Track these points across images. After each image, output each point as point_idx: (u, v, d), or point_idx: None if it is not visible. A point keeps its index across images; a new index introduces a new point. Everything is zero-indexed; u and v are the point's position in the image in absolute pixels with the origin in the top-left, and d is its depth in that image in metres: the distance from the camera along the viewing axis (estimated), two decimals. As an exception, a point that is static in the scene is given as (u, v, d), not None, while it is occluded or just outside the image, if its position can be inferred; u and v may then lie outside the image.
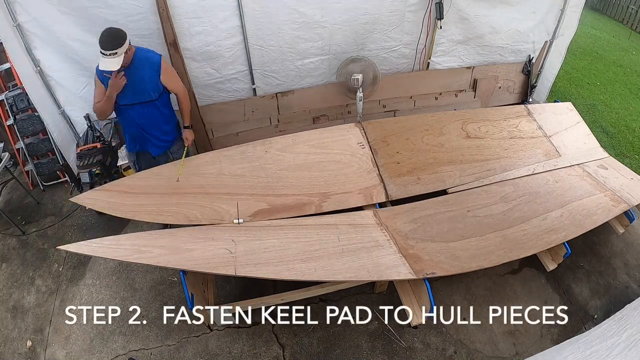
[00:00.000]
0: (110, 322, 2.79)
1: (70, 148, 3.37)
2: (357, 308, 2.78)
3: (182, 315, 2.76)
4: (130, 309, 2.84)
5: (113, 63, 2.27)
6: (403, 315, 2.47)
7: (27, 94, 3.41)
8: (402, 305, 2.45)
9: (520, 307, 2.82)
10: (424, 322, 2.35)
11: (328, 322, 2.72)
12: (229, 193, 2.66)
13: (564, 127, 3.53)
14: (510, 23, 3.86)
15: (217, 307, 2.53)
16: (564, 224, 2.69)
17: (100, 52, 2.25)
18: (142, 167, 2.84)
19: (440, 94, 4.14)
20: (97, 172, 3.19)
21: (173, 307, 2.82)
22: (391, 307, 2.76)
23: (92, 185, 3.32)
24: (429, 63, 3.92)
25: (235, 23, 3.12)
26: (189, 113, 2.75)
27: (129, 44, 2.35)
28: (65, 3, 2.70)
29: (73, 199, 2.57)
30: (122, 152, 3.26)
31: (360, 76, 3.32)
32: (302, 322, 2.72)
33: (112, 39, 2.25)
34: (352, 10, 3.32)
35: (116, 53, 2.25)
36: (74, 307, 2.87)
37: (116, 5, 2.76)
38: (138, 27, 2.88)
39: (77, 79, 3.02)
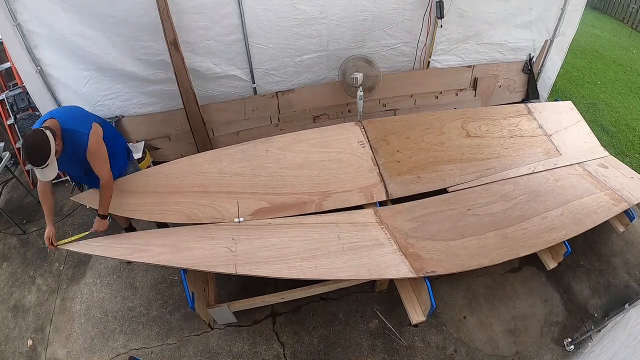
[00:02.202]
0: (110, 320, 2.79)
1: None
2: (358, 307, 2.79)
3: (183, 314, 2.77)
4: (131, 307, 2.85)
5: (49, 172, 2.07)
6: (403, 313, 2.47)
7: (27, 93, 3.42)
8: (402, 303, 2.46)
9: (520, 306, 2.83)
10: (424, 321, 2.36)
11: (328, 320, 2.73)
12: (230, 192, 2.66)
13: (565, 126, 3.53)
14: (507, 19, 3.86)
15: (218, 306, 2.53)
16: (564, 222, 2.69)
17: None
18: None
19: (441, 92, 4.14)
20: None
21: (174, 306, 2.83)
22: (391, 306, 2.77)
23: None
24: (429, 62, 3.92)
25: (235, 21, 3.12)
26: (107, 203, 2.37)
27: (53, 136, 2.05)
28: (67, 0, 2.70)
29: (74, 198, 2.57)
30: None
31: (359, 75, 3.32)
32: (303, 321, 2.73)
33: (38, 156, 2.00)
34: (351, 7, 3.32)
35: (47, 164, 2.03)
36: (74, 306, 2.88)
37: (118, 0, 2.76)
38: (140, 22, 2.88)
39: (79, 74, 3.04)
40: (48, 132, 2.03)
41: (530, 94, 4.39)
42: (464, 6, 3.60)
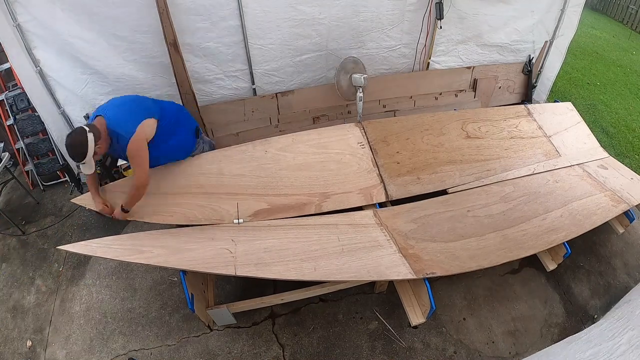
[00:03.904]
0: (110, 322, 2.79)
1: (70, 148, 3.37)
2: (357, 308, 2.78)
3: (182, 315, 2.76)
4: (130, 308, 2.85)
5: (87, 168, 2.29)
6: (403, 315, 2.47)
7: (27, 94, 3.42)
8: (402, 305, 2.45)
9: (520, 307, 2.83)
10: (424, 322, 2.36)
11: (328, 322, 2.73)
12: (229, 193, 2.66)
13: (564, 127, 3.53)
14: (508, 22, 3.86)
15: (217, 307, 2.53)
16: (564, 223, 2.69)
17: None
18: None
19: (440, 94, 4.14)
20: (97, 172, 3.19)
21: (173, 307, 2.83)
22: (391, 307, 2.77)
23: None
24: (429, 63, 3.92)
25: (235, 22, 3.12)
26: (134, 202, 2.44)
27: (97, 137, 2.21)
28: (66, 0, 2.70)
29: (73, 199, 2.57)
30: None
31: (360, 76, 3.32)
32: (302, 322, 2.73)
33: (76, 154, 2.22)
34: (350, 7, 3.32)
35: (85, 162, 2.24)
36: (74, 307, 2.88)
37: (117, 1, 2.76)
38: (138, 24, 2.88)
39: (78, 77, 3.02)
40: (90, 135, 2.19)
41: (525, 97, 4.40)
42: (463, 8, 3.61)
